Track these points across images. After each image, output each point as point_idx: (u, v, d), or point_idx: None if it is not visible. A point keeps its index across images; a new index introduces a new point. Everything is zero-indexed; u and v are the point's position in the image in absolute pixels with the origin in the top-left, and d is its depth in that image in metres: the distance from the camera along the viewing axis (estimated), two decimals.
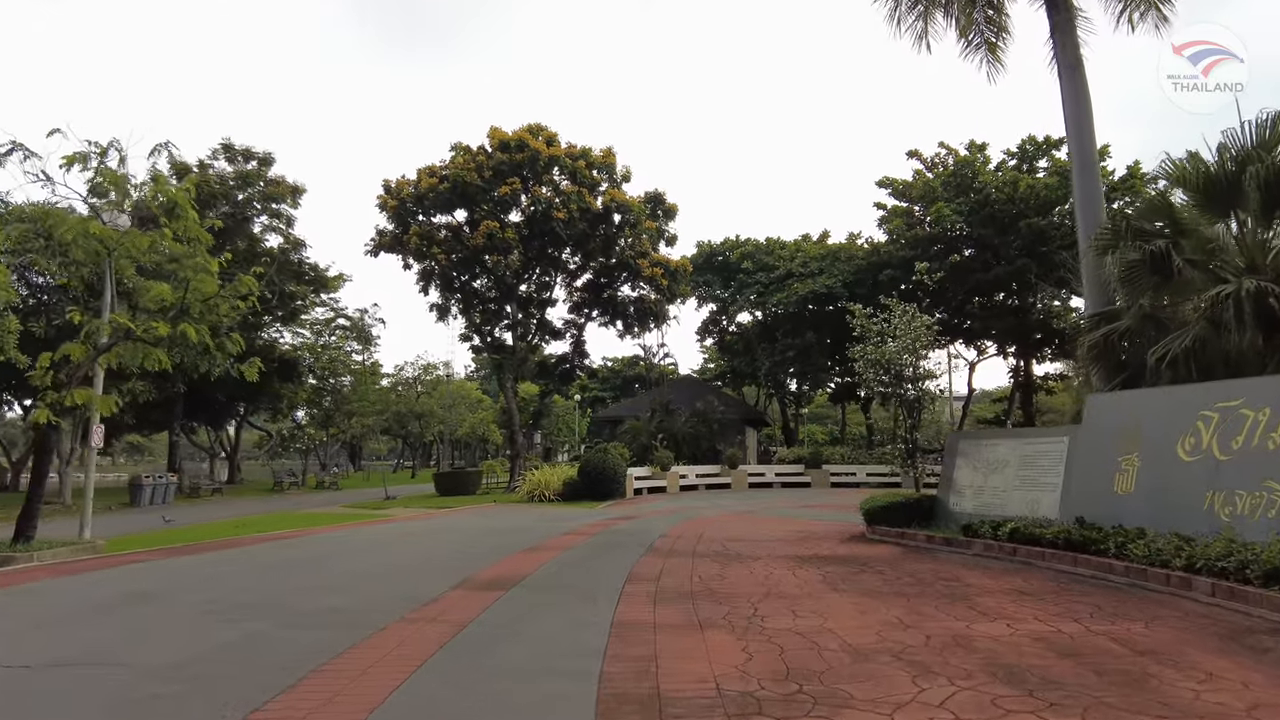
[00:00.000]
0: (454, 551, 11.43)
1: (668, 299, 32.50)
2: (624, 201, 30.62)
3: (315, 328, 43.46)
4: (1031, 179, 31.24)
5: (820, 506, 19.91)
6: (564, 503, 23.22)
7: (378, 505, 26.56)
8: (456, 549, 11.76)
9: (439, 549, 11.87)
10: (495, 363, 32.06)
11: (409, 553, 11.47)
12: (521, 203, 30.24)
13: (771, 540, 12.15)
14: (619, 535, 13.30)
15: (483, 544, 12.33)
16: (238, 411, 42.21)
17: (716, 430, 34.36)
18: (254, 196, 33.48)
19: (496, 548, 11.71)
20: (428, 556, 10.94)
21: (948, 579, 8.30)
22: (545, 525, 15.47)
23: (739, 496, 25.63)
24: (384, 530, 15.47)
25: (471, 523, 16.67)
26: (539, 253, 33.05)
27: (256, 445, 54.13)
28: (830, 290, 34.99)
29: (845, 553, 10.63)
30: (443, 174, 30.73)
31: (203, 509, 25.14)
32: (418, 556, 10.96)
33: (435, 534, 14.46)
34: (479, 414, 48.81)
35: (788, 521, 15.62)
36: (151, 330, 13.28)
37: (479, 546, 11.95)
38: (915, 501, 12.59)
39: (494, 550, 11.36)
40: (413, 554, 11.31)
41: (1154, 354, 10.19)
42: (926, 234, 32.06)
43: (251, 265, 32.57)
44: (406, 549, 11.96)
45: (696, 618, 6.43)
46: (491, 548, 11.73)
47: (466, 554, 10.97)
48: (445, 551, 11.51)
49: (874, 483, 31.20)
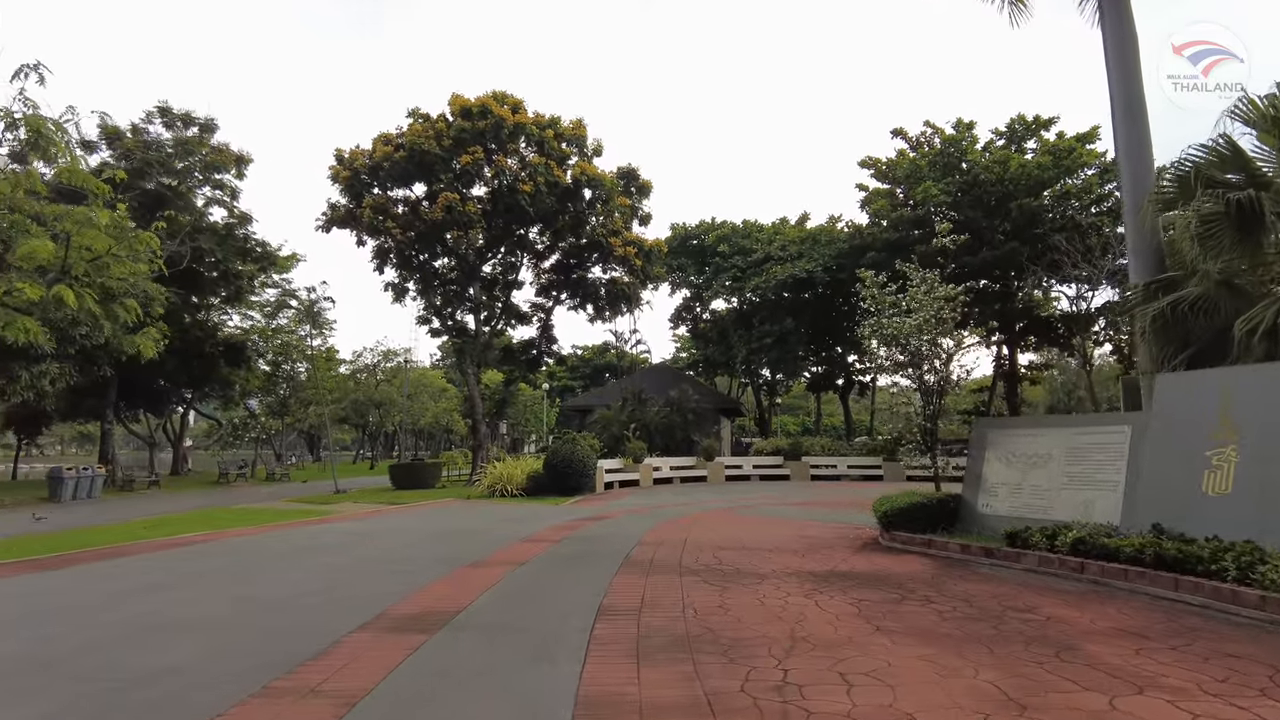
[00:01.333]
0: (384, 566, 9.15)
1: (641, 281, 30.28)
2: (595, 175, 28.31)
3: (266, 310, 40.55)
4: (1022, 159, 29.57)
5: (810, 504, 17.89)
6: (528, 498, 21.00)
7: (324, 500, 24.13)
8: (388, 561, 9.48)
9: (367, 562, 9.57)
10: (456, 347, 29.62)
11: (328, 567, 9.17)
12: (485, 175, 27.78)
13: (771, 549, 10.05)
14: (588, 542, 11.11)
15: (423, 554, 10.07)
16: (183, 398, 39.14)
17: (691, 420, 32.32)
18: (195, 166, 30.56)
19: (438, 559, 9.47)
20: (349, 573, 8.66)
21: (1021, 610, 6.25)
22: (503, 527, 13.23)
23: (717, 491, 23.59)
24: (315, 533, 13.11)
25: (418, 524, 14.36)
26: (504, 231, 30.64)
27: (207, 435, 50.91)
28: (810, 275, 33.05)
29: (867, 568, 8.56)
30: (399, 142, 28.15)
31: (125, 505, 22.44)
32: (336, 573, 8.67)
33: (372, 538, 12.14)
34: (442, 403, 46.20)
35: (781, 523, 13.55)
36: (17, 294, 10.76)
37: (416, 558, 9.68)
38: (939, 502, 10.59)
39: (433, 564, 9.11)
40: (332, 569, 9.02)
41: (1242, 325, 8.27)
42: (912, 215, 30.23)
43: (194, 240, 29.86)
44: (327, 561, 9.66)
45: (702, 689, 4.27)
46: (432, 559, 9.48)
47: (398, 570, 8.71)
48: (373, 565, 9.23)
49: (855, 475, 29.47)
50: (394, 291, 30.90)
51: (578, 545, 10.67)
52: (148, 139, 29.25)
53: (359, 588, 7.68)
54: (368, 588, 7.64)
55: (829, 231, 36.56)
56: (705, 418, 33.46)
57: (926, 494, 10.95)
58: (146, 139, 29.17)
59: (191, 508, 21.58)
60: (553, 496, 21.14)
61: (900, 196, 32.54)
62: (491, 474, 22.72)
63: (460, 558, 9.53)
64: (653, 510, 16.40)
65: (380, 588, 7.56)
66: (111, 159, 28.50)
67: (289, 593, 7.44)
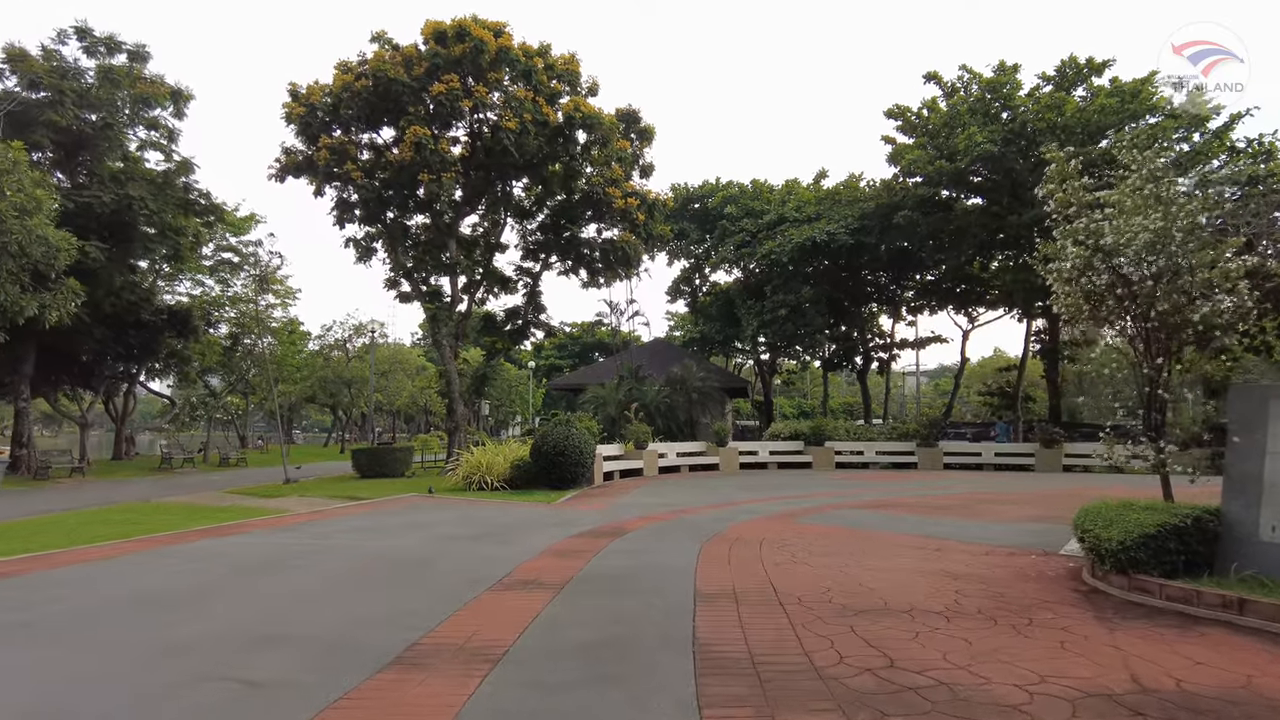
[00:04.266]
0: (216, 667, 4.59)
1: (644, 240, 25.61)
2: (590, 113, 23.55)
3: (220, 276, 35.50)
4: (1079, 103, 25.17)
5: (883, 506, 13.45)
6: (511, 493, 16.50)
7: (268, 492, 19.53)
8: (238, 650, 4.92)
9: (182, 653, 5.01)
10: (430, 314, 24.85)
11: (68, 684, 4.64)
12: (462, 111, 22.93)
13: (936, 611, 5.60)
14: (610, 594, 6.53)
15: (312, 626, 5.51)
16: (127, 373, 34.06)
17: (696, 400, 27.86)
18: (122, 101, 25.45)
19: (327, 649, 4.92)
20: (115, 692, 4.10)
21: None
22: (471, 552, 8.71)
23: (739, 484, 19.18)
24: (189, 558, 8.51)
25: (351, 542, 9.77)
26: (484, 183, 25.88)
27: (160, 415, 45.73)
28: (832, 237, 28.53)
29: (1171, 686, 4.11)
30: (361, 71, 23.26)
31: (9, 500, 17.68)
32: (82, 692, 4.13)
33: (268, 574, 7.57)
34: (419, 381, 41.36)
35: (882, 542, 9.11)
36: None
37: (288, 642, 5.13)
38: (1194, 522, 6.19)
39: (313, 663, 4.57)
40: (75, 683, 4.48)
41: None
42: (952, 168, 25.80)
43: (122, 188, 24.83)
44: (126, 648, 5.13)
45: None
46: (317, 648, 4.94)
47: (223, 699, 4.16)
48: (186, 670, 4.66)
49: (884, 463, 25.26)
50: (358, 250, 26.09)
51: (592, 605, 6.09)
52: (63, 65, 24.09)
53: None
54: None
55: (854, 186, 32.01)
56: (711, 398, 29.00)
57: (1161, 506, 6.55)
58: (61, 65, 24.01)
59: (95, 502, 16.90)
60: (541, 491, 16.68)
61: (929, 151, 28.05)
62: (468, 462, 18.18)
63: (368, 646, 4.95)
64: (678, 516, 11.93)
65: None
66: (17, 87, 23.38)
67: None
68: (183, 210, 27.60)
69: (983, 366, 55.12)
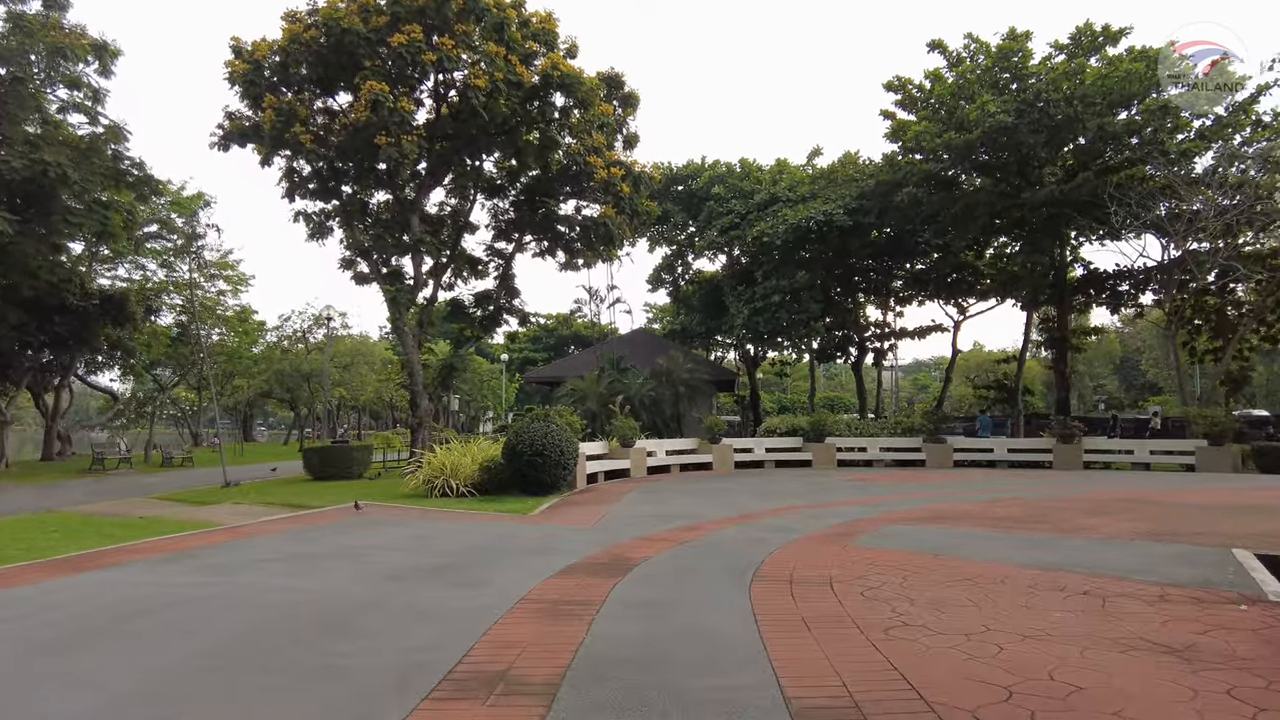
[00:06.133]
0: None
1: (628, 216, 22.87)
2: (569, 73, 20.73)
3: (163, 260, 32.04)
4: (1099, 70, 22.94)
5: (929, 519, 10.93)
6: (480, 500, 13.75)
7: (203, 498, 16.58)
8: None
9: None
10: (390, 296, 21.86)
11: None
12: (425, 66, 19.98)
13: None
14: (640, 715, 3.85)
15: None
16: (57, 364, 30.51)
17: (684, 394, 25.31)
18: (38, 54, 22.06)
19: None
20: None
21: None
22: (414, 607, 5.98)
23: (744, 486, 16.61)
24: (28, 608, 5.66)
25: (258, 581, 6.96)
26: (450, 153, 22.98)
27: (102, 412, 41.97)
28: (830, 218, 26.05)
29: None
30: (311, 21, 20.24)
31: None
32: None
33: (80, 654, 4.77)
34: (383, 374, 38.20)
35: (989, 572, 6.54)
36: None
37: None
38: None
39: None
40: None
41: None
42: (962, 141, 23.45)
43: (36, 153, 21.58)
44: None
45: None
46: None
47: None
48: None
49: (889, 460, 22.93)
50: (310, 226, 23.06)
51: None
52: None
53: None
54: None
55: (852, 162, 29.54)
56: (700, 391, 26.48)
57: None
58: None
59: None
60: (515, 497, 13.96)
61: (936, 124, 25.66)
62: (431, 464, 15.34)
63: None
64: (693, 537, 9.25)
65: None
66: None
67: None
68: (113, 181, 24.25)
69: (965, 360, 53.40)
